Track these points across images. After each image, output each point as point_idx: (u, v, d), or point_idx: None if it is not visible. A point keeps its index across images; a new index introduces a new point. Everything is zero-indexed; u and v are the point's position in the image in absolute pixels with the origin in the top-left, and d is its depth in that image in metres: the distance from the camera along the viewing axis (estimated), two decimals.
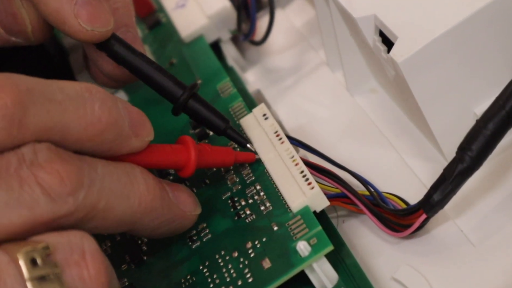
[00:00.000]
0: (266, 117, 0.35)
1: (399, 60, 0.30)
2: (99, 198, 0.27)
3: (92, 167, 0.27)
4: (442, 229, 0.32)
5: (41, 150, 0.25)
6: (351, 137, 0.37)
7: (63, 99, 0.26)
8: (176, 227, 0.31)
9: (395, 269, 0.31)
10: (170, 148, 0.31)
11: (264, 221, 0.32)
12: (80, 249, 0.25)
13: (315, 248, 0.29)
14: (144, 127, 0.29)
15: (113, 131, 0.28)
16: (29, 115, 0.25)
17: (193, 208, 0.31)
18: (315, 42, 0.43)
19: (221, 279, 0.31)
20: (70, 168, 0.25)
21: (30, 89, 0.25)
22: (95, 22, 0.30)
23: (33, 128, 0.25)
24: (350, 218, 0.34)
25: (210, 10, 0.43)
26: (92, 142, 0.27)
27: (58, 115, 0.26)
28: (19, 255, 0.24)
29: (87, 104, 0.27)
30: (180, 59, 0.43)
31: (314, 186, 0.31)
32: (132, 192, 0.28)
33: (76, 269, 0.25)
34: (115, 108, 0.28)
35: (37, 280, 0.24)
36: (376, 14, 0.32)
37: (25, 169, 0.25)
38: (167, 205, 0.30)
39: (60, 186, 0.25)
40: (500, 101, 0.29)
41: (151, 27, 0.46)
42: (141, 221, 0.29)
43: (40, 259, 0.24)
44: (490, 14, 0.30)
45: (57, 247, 0.25)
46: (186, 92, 0.32)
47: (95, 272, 0.25)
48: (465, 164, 0.29)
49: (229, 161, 0.33)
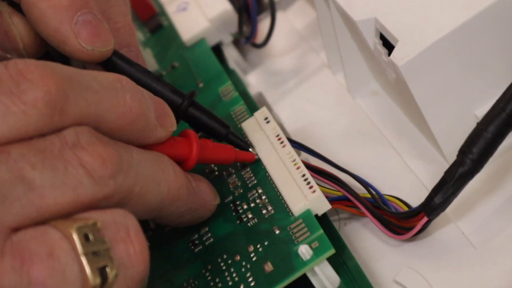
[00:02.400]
0: (268, 120, 0.35)
1: (400, 63, 0.31)
2: (135, 182, 0.27)
3: (128, 152, 0.27)
4: (444, 231, 0.32)
5: (83, 133, 0.26)
6: (352, 140, 0.38)
7: (98, 88, 0.27)
8: (198, 216, 0.32)
9: (397, 272, 0.31)
10: (173, 140, 0.31)
11: (266, 225, 0.32)
12: (125, 226, 0.26)
13: (317, 252, 0.29)
14: (168, 117, 0.30)
15: (142, 121, 0.28)
16: (70, 102, 0.26)
17: (213, 198, 0.32)
18: (316, 45, 0.43)
19: (223, 283, 0.31)
20: (110, 152, 0.26)
21: (69, 77, 0.26)
22: (96, 42, 0.30)
23: (73, 114, 0.26)
24: (352, 221, 0.34)
25: (211, 13, 0.43)
26: (124, 131, 0.28)
27: (95, 104, 0.26)
28: (72, 231, 0.24)
29: (119, 94, 0.27)
30: (182, 62, 0.43)
31: (316, 189, 0.31)
32: (163, 178, 0.29)
33: (123, 245, 0.25)
34: (144, 99, 0.28)
35: (91, 255, 0.24)
36: (376, 17, 0.33)
37: (68, 150, 0.25)
38: (191, 194, 0.31)
39: (102, 168, 0.26)
40: (501, 103, 0.29)
41: (152, 31, 0.46)
42: (168, 208, 0.30)
43: (92, 234, 0.25)
44: (490, 16, 0.30)
45: (104, 224, 0.25)
46: (186, 100, 0.32)
47: (140, 248, 0.26)
48: (466, 167, 0.29)
49: (229, 158, 0.33)
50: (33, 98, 0.25)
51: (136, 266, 0.25)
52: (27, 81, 0.25)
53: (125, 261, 0.25)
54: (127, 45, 0.33)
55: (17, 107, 0.25)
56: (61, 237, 0.24)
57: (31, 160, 0.25)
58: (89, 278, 0.24)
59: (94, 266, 0.24)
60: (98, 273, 0.24)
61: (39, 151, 0.25)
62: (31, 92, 0.25)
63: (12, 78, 0.25)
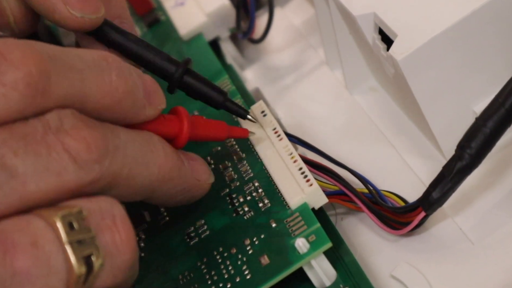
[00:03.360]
0: (265, 114, 0.34)
1: (399, 58, 0.30)
2: (122, 165, 0.27)
3: (115, 134, 0.27)
4: (441, 227, 0.32)
5: (67, 116, 0.25)
6: (350, 135, 0.37)
7: (82, 67, 0.26)
8: (191, 196, 0.31)
9: (394, 267, 0.31)
10: (162, 118, 0.30)
11: (262, 218, 0.31)
12: (110, 215, 0.25)
13: (314, 245, 0.29)
14: (157, 95, 0.29)
15: (130, 100, 0.28)
16: (52, 83, 0.25)
17: (207, 177, 0.32)
18: (314, 41, 0.43)
19: (219, 275, 0.31)
20: (96, 135, 0.25)
21: (52, 56, 0.25)
22: (85, 8, 0.29)
23: (56, 96, 0.25)
24: (349, 215, 0.34)
25: (209, 8, 0.43)
26: (110, 111, 0.27)
27: (79, 83, 0.26)
28: (56, 219, 0.24)
29: (105, 73, 0.27)
30: (179, 57, 0.42)
31: (313, 183, 0.31)
32: (152, 160, 0.28)
33: (108, 234, 0.25)
34: (131, 77, 0.28)
35: (75, 243, 0.24)
36: (375, 12, 0.32)
37: (52, 135, 0.25)
38: (184, 174, 0.30)
39: (87, 153, 0.25)
40: (499, 99, 0.29)
41: (150, 25, 0.46)
42: (160, 189, 0.29)
43: (77, 223, 0.24)
44: (490, 12, 0.30)
45: (89, 212, 0.25)
46: (180, 68, 0.32)
47: (126, 237, 0.25)
48: (464, 162, 0.29)
49: (222, 135, 0.32)
50: (13, 80, 0.24)
51: (122, 255, 0.25)
52: (6, 61, 0.24)
53: (111, 250, 0.25)
54: (118, 16, 0.33)
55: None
56: (45, 226, 0.24)
57: (13, 146, 0.24)
58: (74, 267, 0.24)
59: (79, 255, 0.24)
60: (83, 262, 0.24)
61: (21, 137, 0.24)
62: (10, 73, 0.24)
63: None
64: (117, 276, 0.25)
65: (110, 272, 0.25)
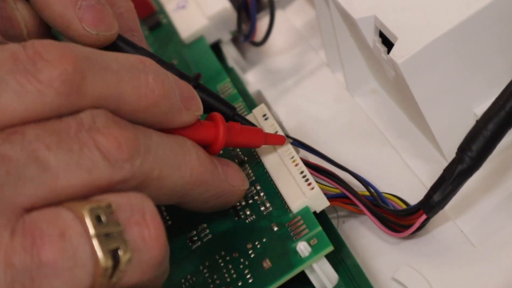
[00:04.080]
0: (266, 117, 0.35)
1: (399, 61, 0.30)
2: (153, 166, 0.27)
3: (147, 136, 0.27)
4: (442, 229, 0.32)
5: (99, 116, 0.26)
6: (351, 138, 0.37)
7: (118, 69, 0.27)
8: (225, 201, 0.31)
9: (395, 270, 0.31)
10: (199, 124, 0.30)
11: (264, 222, 0.32)
12: (140, 210, 0.25)
13: (315, 249, 0.29)
14: (194, 101, 0.30)
15: (166, 103, 0.28)
16: (87, 82, 0.25)
17: (241, 183, 0.32)
18: (315, 43, 0.43)
19: (221, 279, 0.31)
20: (127, 135, 0.26)
21: (88, 57, 0.26)
22: (100, 26, 0.30)
23: (90, 95, 0.26)
24: (350, 218, 0.34)
25: (210, 11, 0.43)
26: (145, 114, 0.27)
27: (114, 84, 0.26)
28: (84, 212, 0.24)
29: (142, 75, 0.27)
30: (181, 60, 0.43)
31: (314, 186, 0.31)
32: (184, 163, 0.29)
33: (137, 229, 0.25)
34: (167, 81, 0.28)
35: (103, 236, 0.24)
36: (376, 15, 0.33)
37: (84, 133, 0.25)
38: (217, 179, 0.30)
39: (118, 152, 0.25)
40: (500, 101, 0.29)
41: (151, 28, 0.46)
42: (192, 193, 0.29)
43: (105, 216, 0.24)
44: (490, 15, 0.30)
45: (119, 206, 0.25)
46: (191, 82, 0.32)
47: (155, 233, 0.25)
48: (465, 165, 0.29)
49: (258, 142, 0.32)
50: (49, 77, 0.25)
51: (151, 251, 0.25)
52: (43, 60, 0.25)
53: (139, 245, 0.25)
54: (130, 29, 0.33)
55: (33, 86, 0.25)
56: (73, 218, 0.24)
57: (46, 141, 0.25)
58: (100, 260, 0.24)
59: (106, 248, 0.24)
60: (110, 255, 0.24)
61: (54, 132, 0.25)
62: (47, 71, 0.25)
63: (29, 58, 0.25)
64: (145, 272, 0.25)
65: (138, 268, 0.25)
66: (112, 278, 0.24)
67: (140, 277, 0.25)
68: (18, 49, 0.25)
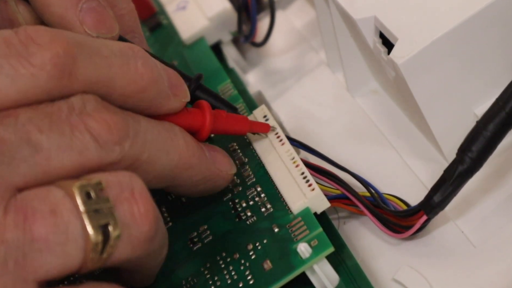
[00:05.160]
0: (267, 118, 0.35)
1: (400, 61, 0.31)
2: (142, 149, 0.28)
3: (135, 120, 0.28)
4: (443, 230, 0.32)
5: (89, 100, 0.26)
6: (351, 138, 0.37)
7: (109, 54, 0.27)
8: (213, 186, 0.32)
9: (396, 270, 0.31)
10: (185, 111, 0.31)
11: (265, 223, 0.32)
12: (129, 187, 0.26)
13: (316, 250, 0.29)
14: (181, 87, 0.30)
15: (154, 89, 0.28)
16: (79, 67, 0.26)
17: (229, 167, 0.32)
18: (315, 43, 0.43)
19: (222, 281, 0.31)
20: (116, 119, 0.27)
21: (79, 42, 0.27)
22: (101, 29, 0.30)
23: (81, 79, 0.26)
24: (351, 219, 0.34)
25: (210, 12, 0.43)
26: (134, 99, 0.28)
27: (104, 69, 0.27)
28: (74, 189, 0.25)
29: (131, 61, 0.28)
30: (181, 61, 0.43)
31: (315, 187, 0.31)
32: (173, 147, 0.29)
33: (127, 205, 0.26)
34: (156, 67, 0.29)
35: (92, 212, 0.25)
36: (376, 16, 0.32)
37: (75, 116, 0.26)
38: (205, 163, 0.31)
39: (108, 134, 0.26)
40: (500, 102, 0.29)
41: (152, 29, 0.46)
42: (180, 177, 0.30)
43: (94, 193, 0.25)
44: (490, 15, 0.30)
45: (109, 184, 0.26)
46: (193, 83, 0.32)
47: (144, 209, 0.26)
48: (465, 166, 0.29)
49: (243, 129, 0.33)
50: (42, 60, 0.25)
51: (140, 226, 0.26)
52: (36, 44, 0.26)
53: (129, 221, 0.25)
54: (131, 31, 0.34)
55: (25, 69, 0.25)
56: (63, 195, 0.25)
57: (39, 124, 0.25)
58: (90, 235, 0.24)
59: (96, 224, 0.25)
60: (99, 231, 0.25)
61: (46, 115, 0.25)
62: (39, 54, 0.25)
63: (22, 42, 0.26)
64: (136, 248, 0.26)
65: (128, 243, 0.26)
66: (103, 254, 0.25)
67: (131, 252, 0.26)
68: (10, 34, 0.26)
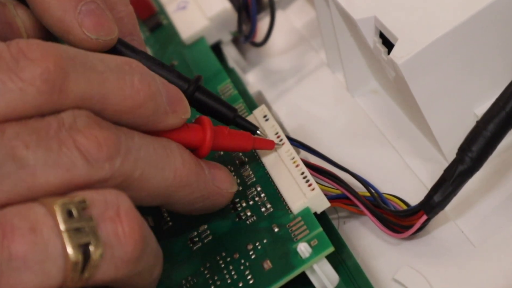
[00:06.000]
0: (267, 118, 0.35)
1: (400, 61, 0.30)
2: (135, 167, 0.27)
3: (129, 137, 0.27)
4: (443, 230, 0.32)
5: (80, 116, 0.26)
6: (351, 138, 0.38)
7: (103, 70, 0.27)
8: (212, 204, 0.31)
9: (396, 270, 0.31)
10: (186, 127, 0.31)
11: (264, 223, 0.32)
12: (115, 206, 0.26)
13: (316, 250, 0.29)
14: (181, 104, 0.30)
15: (151, 105, 0.28)
16: (70, 82, 0.26)
17: (229, 186, 0.32)
18: (315, 43, 0.43)
19: (222, 280, 0.31)
20: (107, 135, 0.26)
21: (71, 57, 0.26)
22: (100, 31, 0.30)
23: (73, 95, 0.26)
24: (351, 219, 0.34)
25: (210, 12, 0.43)
26: (130, 115, 0.28)
27: (98, 85, 0.26)
28: (55, 207, 0.24)
29: (127, 76, 0.27)
30: (181, 61, 0.43)
31: (315, 187, 0.31)
32: (168, 164, 0.29)
33: (110, 225, 0.25)
34: (154, 83, 0.28)
35: (72, 231, 0.24)
36: (376, 16, 0.32)
37: (64, 132, 0.25)
38: (203, 181, 0.30)
39: (98, 151, 0.26)
40: (500, 102, 0.29)
41: (152, 29, 0.46)
42: (176, 195, 0.29)
43: (76, 211, 0.25)
44: (490, 15, 0.30)
45: (93, 202, 0.25)
46: (192, 85, 0.32)
47: (129, 229, 0.25)
48: (466, 165, 0.29)
49: (246, 146, 0.33)
50: (31, 75, 0.25)
51: (124, 246, 0.25)
52: (27, 59, 0.25)
53: (112, 241, 0.25)
54: (130, 33, 0.33)
55: (14, 84, 0.25)
56: (45, 213, 0.24)
57: (25, 139, 0.25)
58: (69, 254, 0.24)
59: (75, 243, 0.24)
60: (79, 250, 0.24)
61: (34, 131, 0.25)
62: (29, 69, 0.25)
63: (12, 56, 0.25)
64: (119, 268, 0.25)
65: (111, 263, 0.25)
66: (83, 273, 0.24)
67: (114, 273, 0.25)
68: (1, 47, 0.26)
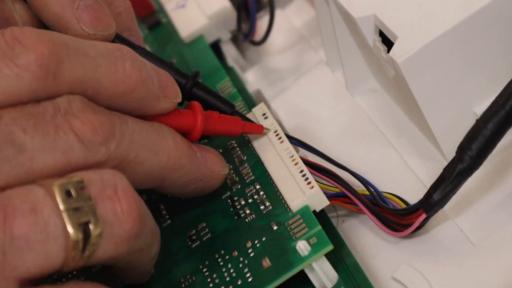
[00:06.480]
0: (266, 116, 0.35)
1: (399, 60, 0.30)
2: (129, 150, 0.28)
3: (123, 121, 0.28)
4: (442, 228, 0.32)
5: (75, 101, 0.26)
6: (351, 137, 0.37)
7: (96, 55, 0.27)
8: (204, 186, 0.32)
9: (395, 269, 0.31)
10: (177, 112, 0.31)
11: (263, 221, 0.32)
12: (112, 185, 0.26)
13: (315, 248, 0.29)
14: (172, 88, 0.30)
15: (143, 89, 0.28)
16: (64, 67, 0.26)
17: (221, 168, 0.32)
18: (315, 42, 0.43)
19: (220, 278, 0.31)
20: (102, 119, 0.27)
21: (65, 43, 0.27)
22: (98, 26, 0.30)
23: (67, 80, 0.26)
24: (350, 217, 0.34)
25: (210, 10, 0.43)
26: (122, 99, 0.28)
27: (91, 70, 0.27)
28: (54, 187, 0.25)
29: (118, 61, 0.28)
30: (180, 59, 0.43)
31: (314, 185, 0.31)
32: (161, 147, 0.29)
33: (109, 203, 0.26)
34: (144, 68, 0.29)
35: (72, 211, 0.25)
36: (376, 14, 0.32)
37: (60, 117, 0.26)
38: (195, 163, 0.31)
39: (93, 135, 0.26)
40: (500, 100, 0.29)
41: (151, 28, 0.46)
42: (170, 177, 0.30)
43: (74, 191, 0.25)
44: (490, 14, 0.30)
45: (91, 181, 0.26)
46: (190, 80, 0.32)
47: (127, 207, 0.26)
48: (465, 164, 0.29)
49: (236, 130, 0.33)
50: (27, 61, 0.25)
51: (123, 224, 0.26)
52: (21, 45, 0.26)
53: (111, 219, 0.25)
54: (128, 29, 0.34)
55: (10, 70, 0.25)
56: (44, 194, 0.25)
57: (23, 124, 0.25)
58: (70, 233, 0.24)
59: (75, 222, 0.25)
60: (79, 229, 0.25)
61: (31, 116, 0.26)
62: (24, 55, 0.26)
63: (7, 43, 0.26)
64: (119, 246, 0.26)
65: (110, 241, 0.25)
66: (84, 252, 0.25)
67: (114, 250, 0.26)
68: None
